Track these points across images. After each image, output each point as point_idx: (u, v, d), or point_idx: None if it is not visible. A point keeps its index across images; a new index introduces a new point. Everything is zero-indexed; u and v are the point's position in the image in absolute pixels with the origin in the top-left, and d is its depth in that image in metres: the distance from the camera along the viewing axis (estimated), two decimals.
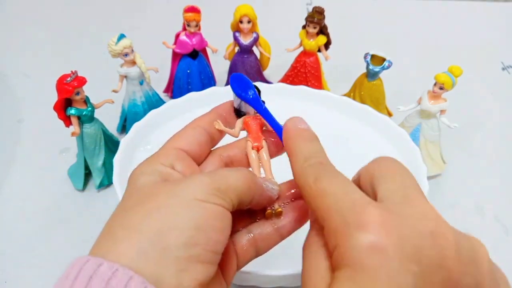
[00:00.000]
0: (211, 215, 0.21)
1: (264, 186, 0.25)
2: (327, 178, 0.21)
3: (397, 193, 0.20)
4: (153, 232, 0.19)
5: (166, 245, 0.19)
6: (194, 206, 0.21)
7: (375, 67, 0.53)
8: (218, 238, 0.21)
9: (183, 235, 0.20)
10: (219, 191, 0.22)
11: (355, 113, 0.52)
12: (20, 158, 0.54)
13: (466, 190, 0.51)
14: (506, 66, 0.75)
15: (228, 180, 0.22)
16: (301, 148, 0.23)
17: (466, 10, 0.92)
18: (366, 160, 0.24)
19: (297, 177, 0.22)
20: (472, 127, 0.60)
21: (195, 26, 0.55)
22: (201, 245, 0.20)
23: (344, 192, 0.20)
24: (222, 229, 0.21)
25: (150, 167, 0.24)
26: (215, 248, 0.21)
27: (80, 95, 0.43)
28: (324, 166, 0.22)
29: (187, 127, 0.27)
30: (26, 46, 0.77)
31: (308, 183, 0.21)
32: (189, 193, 0.21)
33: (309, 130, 0.25)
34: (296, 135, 0.24)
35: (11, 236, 0.44)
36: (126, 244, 0.19)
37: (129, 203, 0.22)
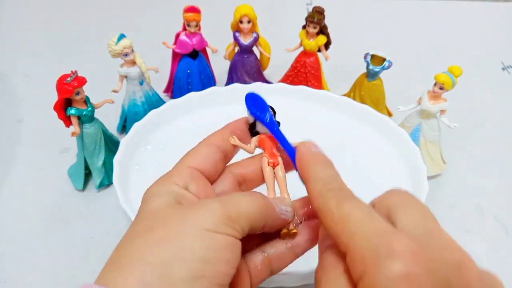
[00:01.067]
0: (220, 247, 0.20)
1: (278, 209, 0.25)
2: (350, 204, 0.20)
3: (418, 225, 0.20)
4: (159, 264, 0.19)
5: (171, 278, 0.19)
6: (204, 237, 0.20)
7: (375, 67, 0.53)
8: (226, 270, 0.21)
9: (190, 268, 0.19)
10: (230, 220, 0.21)
11: (355, 113, 0.52)
12: (20, 158, 0.54)
13: (466, 190, 0.51)
14: (506, 66, 0.75)
15: (240, 207, 0.22)
16: (319, 173, 0.23)
17: (466, 10, 0.92)
18: (366, 160, 0.24)
19: (316, 201, 0.22)
20: (472, 127, 0.60)
21: (195, 26, 0.55)
22: (208, 277, 0.20)
23: (369, 218, 0.19)
24: (230, 260, 0.21)
25: (163, 188, 0.23)
26: (222, 280, 0.20)
27: (80, 95, 0.43)
28: (345, 192, 0.22)
29: (200, 144, 0.27)
30: (26, 46, 0.77)
31: (330, 208, 0.21)
32: (200, 222, 0.21)
33: (324, 155, 0.25)
34: (312, 159, 0.24)
35: (11, 236, 0.44)
36: (130, 275, 0.19)
37: (139, 229, 0.21)
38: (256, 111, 0.27)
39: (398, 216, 0.20)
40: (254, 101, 0.28)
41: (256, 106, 0.28)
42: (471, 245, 0.45)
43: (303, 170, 0.24)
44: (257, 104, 0.28)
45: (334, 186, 0.22)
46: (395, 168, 0.47)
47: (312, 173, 0.23)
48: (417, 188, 0.43)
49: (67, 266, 0.42)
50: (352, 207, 0.20)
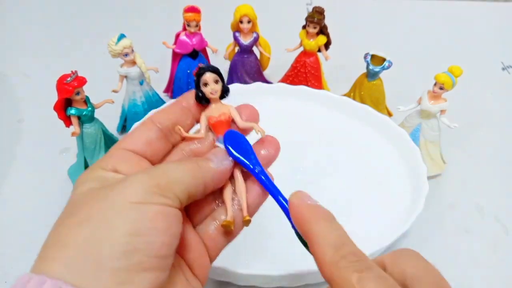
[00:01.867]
0: (150, 217, 0.19)
1: (213, 165, 0.23)
2: (373, 281, 0.18)
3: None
4: (82, 244, 0.18)
5: (99, 257, 0.18)
6: (130, 210, 0.19)
7: (375, 67, 0.53)
8: (162, 240, 0.19)
9: (117, 243, 0.18)
10: (159, 188, 0.20)
11: (355, 113, 0.52)
12: (20, 158, 0.54)
13: (466, 190, 0.51)
14: (506, 66, 0.75)
15: (169, 174, 0.21)
16: (325, 233, 0.20)
17: (466, 10, 0.92)
18: (366, 160, 0.24)
19: (328, 269, 0.19)
20: (472, 127, 0.60)
21: (195, 26, 0.55)
22: (142, 250, 0.19)
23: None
24: (166, 229, 0.20)
25: (89, 175, 0.22)
26: (160, 252, 0.19)
27: (80, 95, 0.43)
28: (362, 261, 0.19)
29: (139, 124, 0.25)
30: (26, 46, 0.77)
31: (350, 282, 0.18)
32: (124, 196, 0.19)
33: (322, 207, 0.22)
34: (312, 216, 0.21)
35: (11, 236, 0.44)
36: (54, 260, 0.18)
37: (63, 216, 0.20)
38: (240, 155, 0.24)
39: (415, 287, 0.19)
40: (236, 141, 0.25)
41: (238, 147, 0.25)
42: (471, 245, 0.45)
43: (304, 230, 0.21)
44: (239, 145, 0.25)
45: (348, 251, 0.19)
46: (395, 168, 0.47)
47: (317, 233, 0.20)
48: (417, 188, 0.43)
49: None
50: (375, 284, 0.18)
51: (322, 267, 0.20)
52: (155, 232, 0.19)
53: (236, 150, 0.24)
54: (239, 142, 0.25)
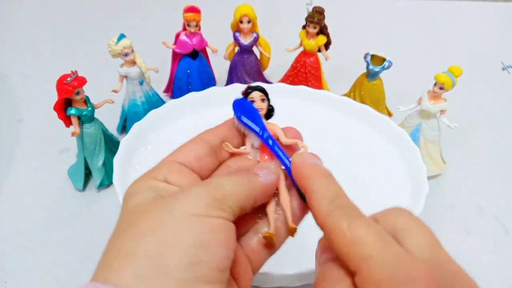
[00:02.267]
0: (212, 230, 0.20)
1: (262, 179, 0.24)
2: (362, 225, 0.19)
3: (426, 250, 0.20)
4: (150, 255, 0.18)
5: (167, 268, 0.18)
6: (193, 222, 0.19)
7: (375, 67, 0.53)
8: (223, 253, 0.20)
9: (185, 255, 0.18)
10: (216, 201, 0.20)
11: (355, 113, 0.52)
12: (20, 158, 0.54)
13: (466, 190, 0.51)
14: (506, 66, 0.75)
15: (223, 187, 0.21)
16: (322, 187, 0.22)
17: (466, 10, 0.92)
18: (366, 160, 0.24)
19: (323, 219, 0.21)
20: (472, 127, 0.60)
21: (195, 26, 0.55)
22: (206, 263, 0.19)
23: (384, 242, 0.19)
24: (226, 243, 0.20)
25: (142, 185, 0.23)
26: (222, 265, 0.20)
27: (80, 95, 0.43)
28: (354, 210, 0.21)
29: (188, 141, 0.25)
30: (26, 46, 0.77)
31: (341, 228, 0.20)
32: (185, 208, 0.20)
33: (323, 166, 0.23)
34: (312, 172, 0.23)
35: (11, 236, 0.44)
36: (122, 271, 0.18)
37: (123, 227, 0.21)
38: (247, 121, 0.25)
39: (406, 239, 0.20)
40: (244, 108, 0.26)
41: (246, 113, 0.26)
42: (471, 245, 0.45)
43: (303, 184, 0.23)
44: (247, 111, 0.26)
45: (342, 202, 0.21)
46: (395, 168, 0.47)
47: (315, 187, 0.22)
48: (417, 188, 0.43)
49: (67, 266, 0.42)
50: (365, 230, 0.19)
51: (317, 216, 0.21)
52: (217, 245, 0.20)
53: (245, 116, 0.25)
54: (248, 110, 0.26)
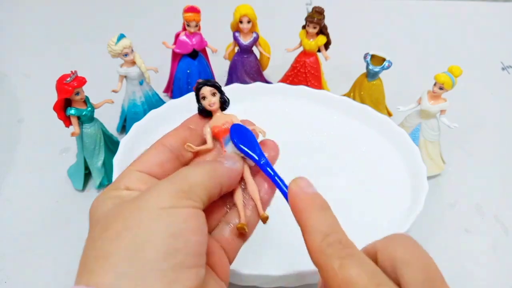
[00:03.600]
0: (183, 219, 0.20)
1: (228, 165, 0.24)
2: (354, 266, 0.19)
3: (424, 285, 0.19)
4: (127, 252, 0.19)
5: (145, 261, 0.19)
6: (163, 215, 0.20)
7: (375, 67, 0.53)
8: (197, 239, 0.21)
9: (161, 246, 0.19)
10: (183, 192, 0.21)
11: (355, 113, 0.52)
12: (20, 158, 0.54)
13: (466, 190, 0.51)
14: (506, 66, 0.75)
15: (188, 178, 0.22)
16: (316, 221, 0.21)
17: (466, 10, 0.92)
18: (366, 160, 0.24)
19: (315, 256, 0.21)
20: (472, 127, 0.60)
21: (195, 26, 0.55)
22: (182, 250, 0.19)
23: (376, 284, 0.19)
24: (198, 229, 0.21)
25: (105, 196, 0.23)
26: (198, 249, 0.20)
27: (80, 95, 0.43)
28: (346, 248, 0.20)
29: (148, 148, 0.26)
30: (26, 46, 0.77)
31: (332, 268, 0.19)
32: (154, 203, 0.20)
33: (320, 196, 0.23)
34: (308, 204, 0.22)
35: (11, 236, 0.44)
36: (102, 272, 0.18)
37: (96, 234, 0.21)
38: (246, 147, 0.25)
39: (404, 272, 0.19)
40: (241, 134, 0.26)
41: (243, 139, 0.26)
42: (471, 245, 0.45)
43: (298, 217, 0.22)
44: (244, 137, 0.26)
45: (334, 239, 0.21)
46: (395, 168, 0.47)
47: (309, 221, 0.22)
48: (417, 188, 0.43)
49: (67, 266, 0.42)
50: (357, 271, 0.19)
51: (311, 253, 0.21)
52: (190, 232, 0.20)
53: (242, 143, 0.25)
54: (245, 135, 0.26)
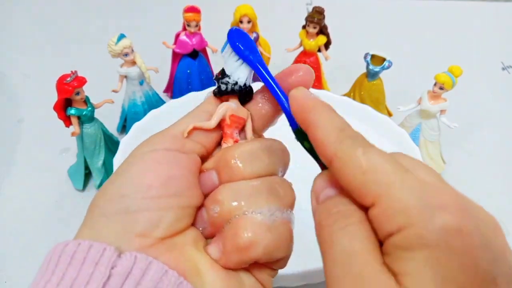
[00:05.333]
0: (175, 159, 0.21)
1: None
2: (377, 153, 0.18)
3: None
4: (116, 191, 0.20)
5: (147, 190, 0.20)
6: (156, 155, 0.21)
7: (375, 67, 0.53)
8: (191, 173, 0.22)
9: (159, 175, 0.20)
10: (176, 138, 0.22)
11: (355, 113, 0.52)
12: (20, 158, 0.54)
13: (466, 190, 0.50)
14: (506, 66, 0.75)
15: (180, 126, 0.23)
16: (328, 118, 0.20)
17: (466, 10, 0.92)
18: None
19: (332, 148, 0.19)
20: (472, 127, 0.60)
21: (195, 26, 0.55)
22: (178, 175, 0.21)
23: (403, 170, 0.18)
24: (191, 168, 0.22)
25: None
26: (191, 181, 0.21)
27: (80, 95, 0.43)
28: (365, 140, 0.20)
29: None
30: (26, 46, 0.77)
31: (356, 156, 0.18)
32: (149, 148, 0.22)
33: (324, 101, 0.22)
34: (316, 105, 0.21)
35: (11, 236, 0.44)
36: (90, 222, 0.20)
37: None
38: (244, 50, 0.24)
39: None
40: (241, 39, 0.24)
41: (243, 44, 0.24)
42: None
43: (306, 119, 0.21)
44: (244, 42, 0.24)
45: (351, 133, 0.20)
46: None
47: (321, 120, 0.20)
48: None
49: None
50: (381, 156, 0.18)
51: (325, 148, 0.20)
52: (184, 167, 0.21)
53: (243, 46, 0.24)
54: (245, 40, 0.24)
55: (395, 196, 0.17)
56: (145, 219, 0.20)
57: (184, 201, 0.21)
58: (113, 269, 0.17)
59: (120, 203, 0.20)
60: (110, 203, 0.20)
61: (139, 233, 0.19)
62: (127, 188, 0.20)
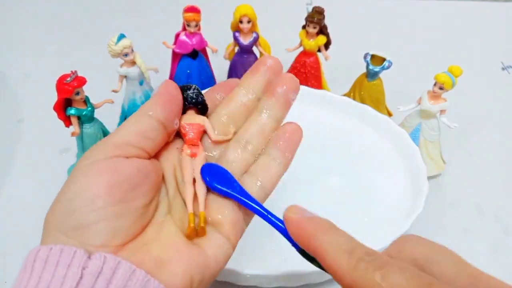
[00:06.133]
0: (122, 164, 0.22)
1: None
2: (397, 273, 0.17)
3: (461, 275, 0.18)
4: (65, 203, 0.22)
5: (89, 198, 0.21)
6: (102, 163, 0.22)
7: (375, 67, 0.53)
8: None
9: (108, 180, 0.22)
10: (117, 146, 0.23)
11: (355, 113, 0.52)
12: (20, 158, 0.54)
13: (466, 190, 0.51)
14: (506, 66, 0.75)
15: (120, 133, 0.24)
16: (333, 242, 0.20)
17: (466, 10, 0.92)
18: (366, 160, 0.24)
19: (349, 277, 0.19)
20: (472, 127, 0.60)
21: (195, 26, 0.55)
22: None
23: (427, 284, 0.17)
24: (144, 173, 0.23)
25: None
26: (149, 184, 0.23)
27: (80, 95, 0.43)
28: (378, 258, 0.19)
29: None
30: (26, 46, 0.77)
31: (376, 282, 0.17)
32: (94, 158, 0.23)
33: (321, 218, 0.22)
34: (315, 227, 0.21)
35: (11, 236, 0.44)
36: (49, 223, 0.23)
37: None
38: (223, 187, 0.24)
39: (434, 270, 0.18)
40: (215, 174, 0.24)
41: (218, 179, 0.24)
42: (471, 245, 0.45)
43: (310, 244, 0.20)
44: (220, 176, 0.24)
45: (361, 253, 0.19)
46: (395, 168, 0.47)
47: (326, 245, 0.20)
48: (417, 188, 0.43)
49: None
50: (401, 275, 0.17)
51: (341, 276, 0.19)
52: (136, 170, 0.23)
53: (218, 183, 0.24)
54: (219, 174, 0.25)
55: None
56: (100, 231, 0.20)
57: (133, 205, 0.22)
58: (84, 270, 0.19)
59: (72, 219, 0.21)
60: (62, 220, 0.21)
61: (99, 245, 0.20)
62: (75, 203, 0.21)
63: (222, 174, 0.25)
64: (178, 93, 0.27)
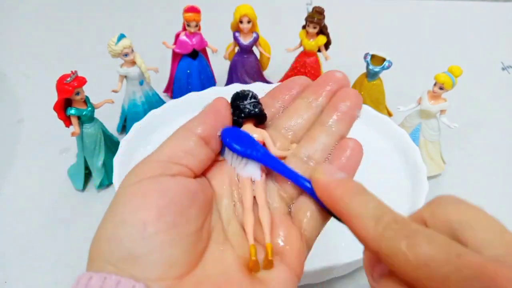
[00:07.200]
0: (170, 183, 0.20)
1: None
2: (424, 243, 0.17)
3: (497, 245, 0.17)
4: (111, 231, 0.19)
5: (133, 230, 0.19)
6: (147, 182, 0.20)
7: (375, 67, 0.53)
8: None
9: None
10: (162, 163, 0.21)
11: None
12: (20, 158, 0.54)
13: (466, 190, 0.51)
14: (506, 66, 0.75)
15: (164, 150, 0.22)
16: (361, 207, 0.19)
17: (466, 10, 0.92)
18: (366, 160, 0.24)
19: (374, 243, 0.18)
20: (472, 127, 0.60)
21: (195, 26, 0.55)
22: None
23: (455, 255, 0.16)
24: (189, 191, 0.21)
25: None
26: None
27: (80, 95, 0.43)
28: (406, 226, 0.18)
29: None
30: (26, 46, 0.77)
31: (401, 251, 0.17)
32: (138, 177, 0.21)
33: (352, 180, 0.21)
34: (344, 191, 0.20)
35: (11, 236, 0.44)
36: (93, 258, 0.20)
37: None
38: (243, 147, 0.23)
39: (468, 235, 0.18)
40: (235, 137, 0.23)
41: (237, 141, 0.23)
42: None
43: (337, 207, 0.20)
44: (240, 140, 0.23)
45: (389, 220, 0.18)
46: (395, 168, 0.47)
47: (353, 209, 0.19)
48: (417, 188, 0.43)
49: (67, 266, 0.42)
50: (429, 246, 0.17)
51: (367, 242, 0.19)
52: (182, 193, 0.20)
53: (240, 146, 0.23)
54: (239, 136, 0.23)
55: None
56: (155, 262, 0.18)
57: (184, 230, 0.19)
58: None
59: (122, 250, 0.18)
60: (111, 250, 0.18)
61: (155, 278, 0.18)
62: (123, 230, 0.18)
63: (244, 137, 0.23)
64: (226, 110, 0.24)
